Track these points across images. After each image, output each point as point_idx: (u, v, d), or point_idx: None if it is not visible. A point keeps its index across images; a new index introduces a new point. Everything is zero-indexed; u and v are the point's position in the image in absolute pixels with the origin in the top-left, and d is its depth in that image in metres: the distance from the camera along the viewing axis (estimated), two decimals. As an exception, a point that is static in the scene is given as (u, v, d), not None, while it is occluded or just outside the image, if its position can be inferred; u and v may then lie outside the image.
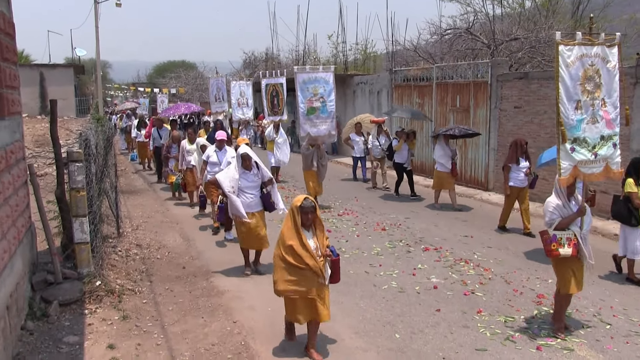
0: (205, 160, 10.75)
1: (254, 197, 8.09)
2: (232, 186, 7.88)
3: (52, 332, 6.05)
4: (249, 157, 8.00)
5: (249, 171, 8.04)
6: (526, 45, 18.98)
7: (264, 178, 8.16)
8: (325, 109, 12.60)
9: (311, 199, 5.53)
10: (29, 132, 21.19)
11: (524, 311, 6.92)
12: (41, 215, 7.04)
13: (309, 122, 12.51)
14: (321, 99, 12.58)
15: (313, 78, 12.62)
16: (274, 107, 16.80)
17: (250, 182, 8.06)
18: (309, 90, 12.52)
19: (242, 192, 8.00)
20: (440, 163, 13.03)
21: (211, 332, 6.31)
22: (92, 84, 45.52)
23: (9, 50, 6.35)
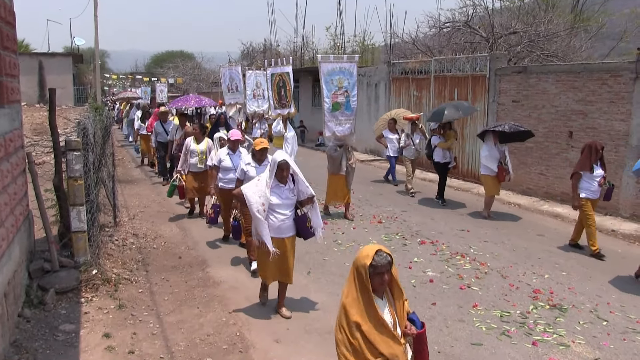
0: (217, 165, 9.11)
1: (285, 219, 6.27)
2: (263, 203, 6.07)
3: (49, 320, 6.06)
4: (288, 167, 6.14)
5: (283, 185, 6.24)
6: (525, 39, 18.96)
7: (301, 195, 6.35)
8: (349, 105, 11.22)
9: (386, 250, 3.70)
10: (28, 120, 21.18)
11: (520, 306, 6.94)
12: (39, 203, 7.04)
13: (335, 119, 11.09)
14: (345, 93, 11.17)
15: (337, 69, 11.12)
16: (281, 98, 15.21)
17: (284, 199, 6.23)
18: (333, 83, 11.05)
19: (272, 212, 6.20)
20: (485, 166, 11.43)
21: (207, 323, 6.33)
22: (90, 73, 45.36)
23: (9, 38, 6.33)
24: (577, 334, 6.19)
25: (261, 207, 6.07)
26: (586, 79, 11.85)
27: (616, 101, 11.19)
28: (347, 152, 11.23)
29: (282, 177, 6.17)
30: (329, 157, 11.31)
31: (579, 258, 8.92)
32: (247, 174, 7.56)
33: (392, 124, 15.26)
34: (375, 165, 19.30)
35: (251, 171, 7.56)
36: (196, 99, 16.90)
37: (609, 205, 11.28)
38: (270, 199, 6.11)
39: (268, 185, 6.11)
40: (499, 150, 11.29)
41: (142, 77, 45.59)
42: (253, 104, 16.70)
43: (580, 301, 7.13)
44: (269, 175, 6.15)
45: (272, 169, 6.15)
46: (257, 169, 7.57)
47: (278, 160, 6.09)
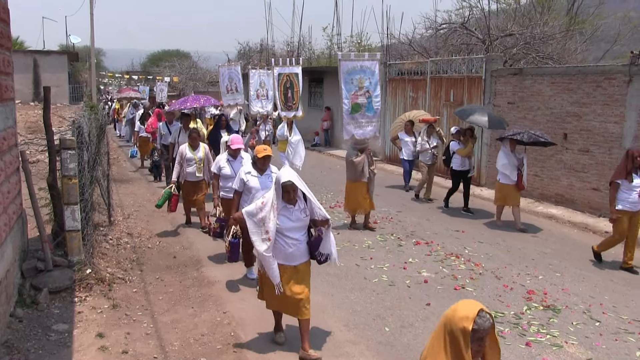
0: (217, 172, 8.27)
1: (298, 244, 5.44)
2: (267, 231, 5.25)
3: (42, 320, 6.04)
4: (294, 188, 5.31)
5: (292, 206, 5.40)
6: (521, 41, 19.01)
7: (314, 215, 5.53)
8: (371, 106, 10.44)
9: (487, 311, 3.08)
10: (22, 118, 21.06)
11: (513, 307, 6.96)
12: (33, 202, 7.01)
13: (354, 122, 10.33)
14: (367, 93, 10.40)
15: (358, 67, 10.35)
16: (288, 100, 14.45)
17: (294, 222, 5.40)
18: (353, 83, 10.30)
19: (281, 237, 5.35)
20: (503, 174, 10.82)
21: (201, 322, 6.32)
22: (85, 71, 45.27)
23: (4, 36, 6.31)
24: (570, 334, 6.21)
25: (265, 235, 5.24)
26: (581, 81, 11.90)
27: (610, 104, 11.23)
28: (369, 157, 10.38)
29: (289, 199, 5.33)
30: (349, 163, 10.39)
31: (572, 259, 8.95)
32: (247, 185, 6.99)
33: (409, 126, 14.35)
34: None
35: (252, 181, 6.96)
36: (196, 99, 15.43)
37: (602, 207, 11.33)
38: (278, 223, 5.28)
39: (275, 208, 5.27)
40: (517, 158, 10.76)
41: (139, 76, 45.58)
42: (257, 104, 15.76)
43: (573, 302, 7.15)
44: (275, 197, 5.31)
45: (277, 191, 5.32)
46: (258, 179, 6.98)
47: (282, 180, 5.23)
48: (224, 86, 16.69)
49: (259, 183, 6.97)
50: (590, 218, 11.37)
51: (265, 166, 7.00)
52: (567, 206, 12.17)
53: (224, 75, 16.75)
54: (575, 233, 10.59)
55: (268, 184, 6.74)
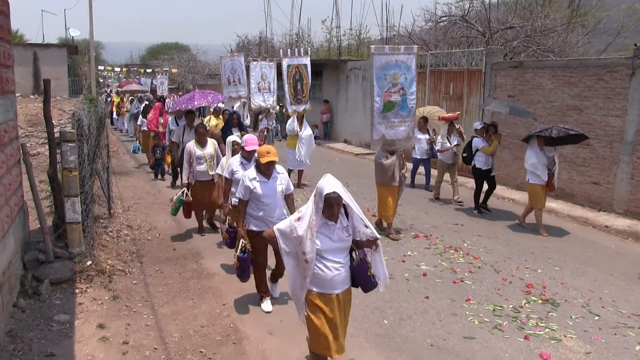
0: (229, 177, 7.39)
1: (340, 268, 4.52)
2: (305, 252, 4.37)
3: (44, 310, 6.07)
4: (339, 201, 4.36)
5: (333, 223, 4.46)
6: (521, 34, 18.97)
7: (357, 234, 4.61)
8: (405, 105, 9.52)
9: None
10: (22, 111, 21.04)
11: (512, 300, 6.98)
12: (33, 194, 7.03)
13: (385, 121, 9.46)
14: (401, 90, 9.45)
15: (393, 62, 9.36)
16: (297, 93, 13.79)
17: (336, 242, 4.47)
18: (387, 79, 9.33)
19: (320, 261, 4.46)
20: (533, 174, 10.13)
21: (200, 314, 6.35)
22: (85, 64, 45.21)
23: (4, 28, 6.31)
24: (569, 328, 6.23)
25: (302, 255, 4.41)
26: (582, 74, 11.88)
27: (612, 97, 11.22)
28: (400, 160, 9.58)
29: (332, 214, 4.40)
30: (379, 166, 9.55)
31: (571, 253, 8.97)
32: (254, 192, 6.24)
33: (422, 123, 13.51)
34: (370, 159, 19.28)
35: (258, 188, 6.23)
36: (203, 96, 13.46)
37: (603, 201, 11.36)
38: (317, 244, 4.40)
39: (313, 225, 4.37)
40: (547, 156, 10.08)
41: (137, 69, 45.50)
42: (258, 98, 15.30)
43: (572, 296, 7.17)
44: (314, 212, 4.40)
45: (319, 204, 4.38)
46: (265, 185, 6.26)
47: (326, 191, 4.30)
48: (225, 77, 16.22)
49: (267, 189, 6.27)
50: (590, 212, 11.39)
51: (270, 171, 6.28)
52: (567, 200, 12.19)
53: (226, 67, 16.26)
54: (575, 227, 10.60)
55: (276, 189, 6.28)
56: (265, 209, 6.27)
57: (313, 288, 4.51)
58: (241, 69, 16.13)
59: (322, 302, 4.52)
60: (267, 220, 6.24)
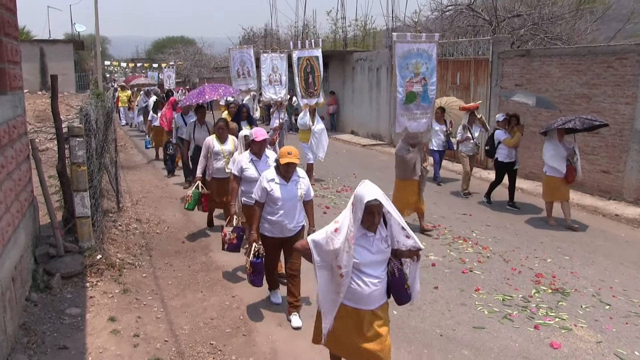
0: (237, 174, 6.89)
1: (378, 283, 4.15)
2: (340, 266, 4.00)
3: (55, 304, 6.11)
4: (380, 209, 4.03)
5: (372, 234, 4.10)
6: (529, 22, 18.85)
7: (396, 243, 4.24)
8: (426, 95, 9.04)
9: None
10: (30, 107, 21.13)
11: (522, 290, 6.97)
12: (43, 189, 7.06)
13: (408, 113, 8.96)
14: (422, 80, 8.98)
15: (415, 50, 8.88)
16: (309, 86, 13.37)
17: (375, 255, 4.11)
18: (409, 68, 8.83)
19: (357, 275, 4.07)
20: (550, 167, 9.83)
21: (210, 306, 6.38)
22: (91, 59, 45.29)
23: (10, 25, 6.32)
24: (579, 317, 6.22)
25: (337, 270, 4.02)
26: (591, 62, 11.80)
27: (621, 84, 11.14)
28: (422, 153, 9.17)
29: (372, 224, 4.03)
30: (400, 159, 9.12)
31: (581, 242, 8.94)
32: (271, 195, 5.83)
33: (439, 113, 12.89)
34: (377, 149, 19.31)
35: (276, 190, 5.82)
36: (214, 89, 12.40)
37: (612, 190, 11.31)
38: (355, 257, 4.03)
39: (351, 237, 3.97)
40: (566, 148, 9.71)
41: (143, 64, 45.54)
42: (269, 90, 14.63)
43: (582, 285, 7.15)
44: (352, 222, 4.01)
45: (358, 212, 3.99)
46: (284, 188, 5.85)
47: (367, 199, 3.93)
48: (234, 70, 15.79)
49: (286, 193, 5.85)
50: (599, 201, 11.34)
51: (289, 173, 5.86)
52: (576, 189, 12.12)
53: (235, 59, 15.84)
54: (584, 216, 10.56)
55: (295, 193, 5.88)
56: (282, 214, 5.86)
57: (347, 303, 4.13)
58: (250, 61, 15.75)
59: (358, 319, 4.16)
60: (283, 226, 5.91)
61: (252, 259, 5.95)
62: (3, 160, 5.40)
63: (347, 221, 4.01)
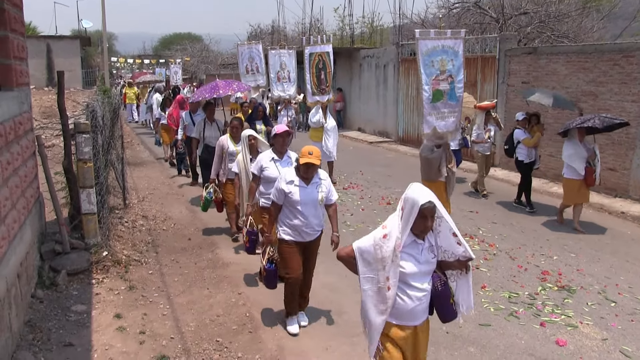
0: (257, 174, 6.52)
1: (423, 297, 3.76)
2: (388, 277, 3.64)
3: (61, 301, 6.13)
4: (433, 212, 3.65)
5: (422, 241, 3.74)
6: (535, 19, 18.79)
7: (444, 253, 3.86)
8: (453, 94, 8.63)
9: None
10: (37, 103, 21.21)
11: (528, 287, 6.95)
12: (49, 186, 7.08)
13: (436, 112, 8.51)
14: (449, 78, 8.57)
15: (439, 47, 8.51)
16: (321, 83, 12.94)
17: (422, 265, 3.73)
18: (434, 66, 8.43)
19: (403, 286, 3.69)
20: (570, 167, 9.41)
21: (216, 303, 6.38)
22: (98, 55, 45.39)
23: (17, 21, 6.34)
24: (585, 315, 6.20)
25: (384, 281, 3.66)
26: (597, 59, 11.75)
27: (628, 82, 11.09)
28: (447, 153, 8.62)
29: (424, 229, 3.67)
30: (424, 160, 8.64)
31: (587, 240, 8.91)
32: (289, 197, 5.48)
33: None
34: (384, 147, 19.29)
35: (295, 193, 5.46)
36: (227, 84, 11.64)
37: (618, 187, 11.26)
38: (402, 267, 3.66)
39: (399, 245, 3.62)
40: (587, 148, 9.34)
41: (150, 60, 45.61)
42: (278, 87, 14.44)
43: (588, 282, 7.13)
44: (401, 227, 3.65)
45: (409, 218, 3.61)
46: (304, 191, 5.48)
47: (421, 202, 3.55)
48: (243, 66, 15.43)
49: (305, 195, 5.49)
50: (605, 199, 11.29)
51: (309, 175, 5.49)
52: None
53: (244, 55, 15.50)
54: (590, 214, 10.52)
55: (315, 196, 5.51)
56: (301, 217, 5.50)
57: (391, 320, 3.76)
58: (259, 57, 15.40)
59: (400, 336, 3.79)
60: (303, 230, 5.55)
61: (266, 265, 5.77)
62: (9, 157, 5.41)
63: (396, 227, 3.65)
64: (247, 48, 15.49)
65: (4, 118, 5.35)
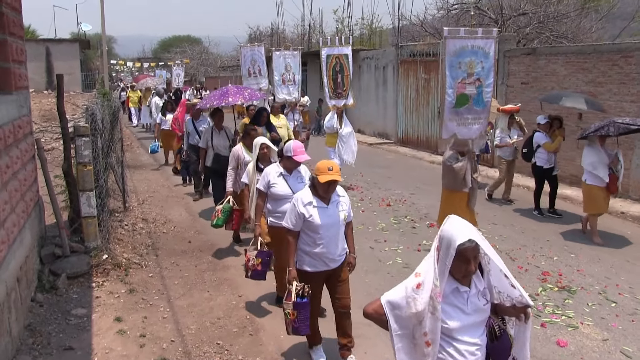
0: (263, 190, 5.92)
1: (476, 352, 3.09)
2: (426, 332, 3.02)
3: (61, 305, 6.13)
4: (477, 252, 3.02)
5: (466, 288, 3.11)
6: (534, 20, 18.82)
7: (499, 295, 3.25)
8: (480, 98, 7.90)
9: None
10: (36, 107, 21.23)
11: (528, 288, 6.93)
12: (49, 189, 7.08)
13: (458, 118, 7.78)
14: (477, 81, 7.82)
15: (469, 47, 7.72)
16: (337, 87, 12.33)
17: (471, 315, 3.10)
18: (461, 68, 7.66)
19: (449, 341, 3.07)
20: (591, 174, 8.89)
21: (217, 306, 6.38)
22: (97, 58, 45.44)
23: (16, 24, 6.34)
24: (586, 315, 6.19)
25: (421, 337, 3.03)
26: (596, 60, 11.75)
27: (627, 82, 11.10)
28: (472, 162, 8.01)
29: (466, 274, 3.05)
30: (448, 169, 7.98)
31: (587, 240, 8.90)
32: (309, 221, 4.78)
33: None
34: (384, 148, 19.29)
35: (315, 216, 4.77)
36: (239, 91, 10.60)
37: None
38: (444, 321, 3.03)
39: (437, 294, 2.97)
40: (608, 154, 8.85)
41: (150, 63, 45.65)
42: (283, 90, 13.77)
43: (589, 283, 7.12)
44: (438, 273, 3.00)
45: (445, 260, 2.97)
46: (324, 212, 4.81)
47: (459, 241, 2.93)
48: (245, 69, 14.83)
49: (327, 217, 4.81)
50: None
51: (329, 193, 4.83)
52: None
53: (246, 57, 14.85)
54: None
55: (337, 217, 4.86)
56: (324, 243, 4.81)
57: None
58: (262, 59, 14.72)
59: None
60: (326, 258, 4.87)
61: (296, 299, 4.81)
62: (8, 161, 5.41)
63: (431, 273, 3.03)
64: (249, 50, 14.99)
65: (3, 122, 5.35)
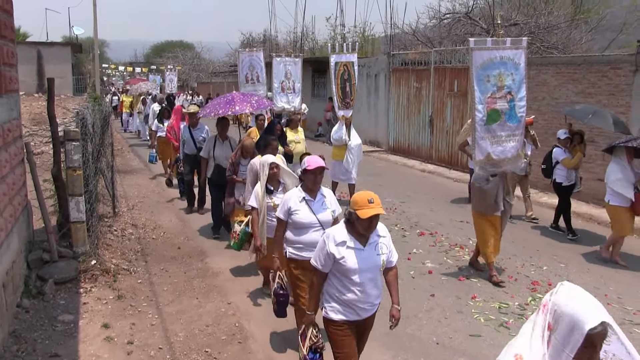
0: (283, 218, 5.13)
1: None
2: None
3: (48, 310, 6.07)
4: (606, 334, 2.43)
5: None
6: (525, 31, 18.92)
7: None
8: (514, 114, 7.31)
9: None
10: (26, 110, 21.10)
11: (518, 297, 6.95)
12: (37, 193, 7.03)
13: (490, 135, 7.17)
14: (508, 95, 7.28)
15: (497, 59, 7.22)
16: (346, 96, 11.76)
17: None
18: (490, 81, 7.12)
19: None
20: (615, 192, 8.21)
21: (206, 313, 6.34)
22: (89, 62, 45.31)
23: (7, 27, 6.31)
24: (575, 325, 6.19)
25: None
26: (586, 71, 11.84)
27: (616, 93, 11.19)
28: (505, 182, 7.47)
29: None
30: (477, 191, 7.45)
31: (577, 250, 8.93)
32: (341, 264, 3.98)
33: None
34: (375, 156, 19.31)
35: (350, 259, 3.97)
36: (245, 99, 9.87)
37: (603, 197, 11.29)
38: None
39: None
40: (635, 172, 8.14)
41: (142, 68, 45.56)
42: (282, 98, 13.14)
43: (578, 293, 7.12)
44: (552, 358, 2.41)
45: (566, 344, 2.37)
46: (360, 255, 4.00)
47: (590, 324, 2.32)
48: (243, 75, 14.17)
49: (364, 261, 4.01)
50: (594, 209, 11.33)
51: (371, 231, 4.05)
52: (572, 197, 12.12)
53: (244, 63, 14.19)
54: (579, 224, 10.55)
55: (376, 261, 4.07)
56: (357, 289, 4.02)
57: None
58: (260, 65, 14.15)
59: None
60: (358, 306, 4.11)
61: (307, 354, 4.26)
62: (-3, 165, 5.37)
63: (540, 357, 2.41)
64: (247, 55, 14.50)
65: (-8, 125, 5.31)
